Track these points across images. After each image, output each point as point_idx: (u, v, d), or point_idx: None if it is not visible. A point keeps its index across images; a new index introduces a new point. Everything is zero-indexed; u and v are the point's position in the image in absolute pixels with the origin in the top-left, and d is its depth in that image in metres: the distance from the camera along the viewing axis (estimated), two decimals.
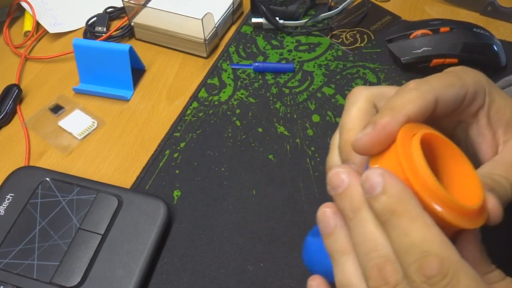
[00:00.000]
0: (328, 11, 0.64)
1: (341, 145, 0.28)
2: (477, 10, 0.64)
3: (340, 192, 0.23)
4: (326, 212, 0.24)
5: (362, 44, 0.61)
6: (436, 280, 0.19)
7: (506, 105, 0.27)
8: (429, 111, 0.25)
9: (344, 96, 0.55)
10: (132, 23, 0.62)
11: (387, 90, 0.29)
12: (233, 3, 0.63)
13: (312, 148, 0.50)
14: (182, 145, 0.51)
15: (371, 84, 0.56)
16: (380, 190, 0.21)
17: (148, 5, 0.62)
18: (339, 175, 0.23)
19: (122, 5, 0.62)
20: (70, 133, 0.52)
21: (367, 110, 0.28)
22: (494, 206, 0.23)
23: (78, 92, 0.57)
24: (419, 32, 0.56)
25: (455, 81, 0.26)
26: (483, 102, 0.27)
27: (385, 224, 0.21)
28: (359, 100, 0.28)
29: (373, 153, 0.24)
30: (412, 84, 0.26)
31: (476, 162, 0.28)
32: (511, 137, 0.27)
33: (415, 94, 0.25)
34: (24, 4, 0.66)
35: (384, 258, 0.21)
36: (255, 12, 0.63)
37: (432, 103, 0.25)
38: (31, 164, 0.50)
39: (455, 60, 0.54)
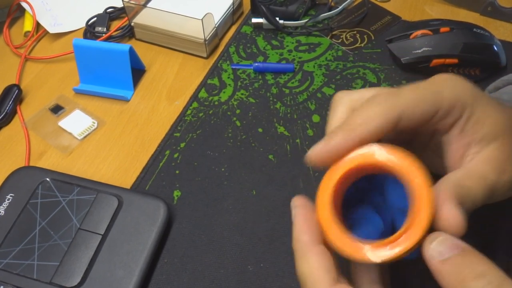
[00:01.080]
0: (328, 11, 0.64)
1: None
2: (477, 10, 0.64)
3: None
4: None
5: (362, 44, 0.61)
6: None
7: (487, 117, 0.27)
8: (389, 128, 0.26)
9: None
10: (132, 23, 0.62)
11: (367, 95, 0.29)
12: (233, 3, 0.63)
13: None
14: (182, 145, 0.51)
15: (371, 84, 0.56)
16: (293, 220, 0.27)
17: (148, 5, 0.62)
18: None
19: (122, 5, 0.62)
20: (70, 133, 0.52)
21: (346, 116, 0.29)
22: (453, 216, 0.23)
23: (78, 92, 0.57)
24: (419, 32, 0.56)
25: (428, 96, 0.27)
26: (459, 115, 0.27)
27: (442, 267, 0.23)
28: (339, 106, 0.30)
29: (326, 165, 0.27)
30: (380, 98, 0.27)
31: (442, 170, 0.29)
32: (481, 149, 0.27)
33: (377, 111, 0.26)
34: (24, 4, 0.66)
35: None
36: (255, 12, 0.63)
37: (392, 121, 0.26)
38: (31, 164, 0.50)
39: (455, 60, 0.54)
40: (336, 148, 0.26)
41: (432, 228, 0.24)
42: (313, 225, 0.26)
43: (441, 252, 0.22)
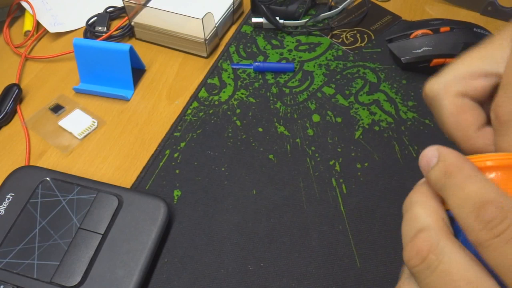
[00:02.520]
0: (329, 11, 0.64)
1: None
2: (477, 10, 0.64)
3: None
4: None
5: (363, 44, 0.61)
6: (495, 224, 0.18)
7: None
8: None
9: (345, 96, 0.55)
10: (132, 23, 0.62)
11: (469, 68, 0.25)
12: (233, 3, 0.63)
13: (312, 148, 0.50)
14: (182, 145, 0.51)
15: (371, 84, 0.56)
16: (436, 161, 0.21)
17: (148, 4, 0.62)
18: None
19: (122, 5, 0.62)
20: (70, 133, 0.52)
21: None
22: None
23: (78, 91, 0.57)
24: (419, 32, 0.56)
25: None
26: None
27: (442, 189, 0.21)
28: (444, 99, 0.26)
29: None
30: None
31: None
32: None
33: None
34: (24, 4, 0.66)
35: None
36: (255, 12, 0.63)
37: None
38: (31, 163, 0.50)
39: None
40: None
41: None
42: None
43: None
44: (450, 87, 0.24)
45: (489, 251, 0.18)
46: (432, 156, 0.21)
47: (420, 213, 0.21)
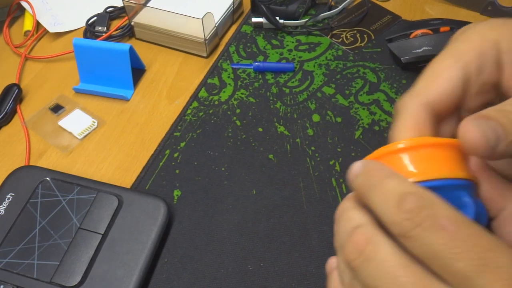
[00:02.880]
0: (328, 11, 0.64)
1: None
2: (478, 10, 0.64)
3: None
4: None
5: (362, 44, 0.61)
6: (416, 213, 0.19)
7: None
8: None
9: (344, 96, 0.55)
10: (132, 23, 0.62)
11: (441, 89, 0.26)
12: (233, 2, 0.63)
13: (312, 148, 0.50)
14: (182, 144, 0.51)
15: (372, 83, 0.56)
16: (359, 171, 0.22)
17: (148, 4, 0.62)
18: None
19: (122, 5, 0.62)
20: (70, 133, 0.52)
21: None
22: (472, 133, 0.21)
23: (78, 91, 0.57)
24: (419, 31, 0.56)
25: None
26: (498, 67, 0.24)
27: (366, 193, 0.21)
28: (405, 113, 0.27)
29: None
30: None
31: None
32: None
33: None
34: (24, 4, 0.66)
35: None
36: (255, 11, 0.63)
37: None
38: (31, 163, 0.50)
39: None
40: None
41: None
42: None
43: None
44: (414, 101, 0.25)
45: (412, 241, 0.19)
46: (357, 168, 0.22)
47: (354, 214, 0.22)
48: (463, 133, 0.21)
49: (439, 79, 0.24)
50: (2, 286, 0.38)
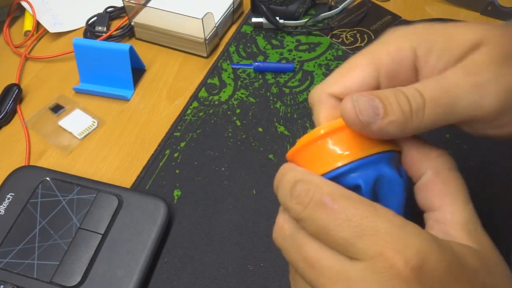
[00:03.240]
0: (328, 11, 0.64)
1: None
2: (478, 10, 0.64)
3: None
4: None
5: (363, 44, 0.61)
6: (303, 196, 0.22)
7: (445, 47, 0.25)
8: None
9: None
10: (132, 23, 0.62)
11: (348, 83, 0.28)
12: (233, 2, 0.63)
13: None
14: (182, 144, 0.51)
15: None
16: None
17: (148, 4, 0.62)
18: None
19: (122, 5, 0.62)
20: (70, 133, 0.52)
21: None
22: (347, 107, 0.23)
23: (78, 91, 0.57)
24: None
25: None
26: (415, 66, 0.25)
27: (277, 191, 0.25)
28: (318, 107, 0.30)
29: None
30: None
31: None
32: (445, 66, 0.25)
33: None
34: (24, 4, 0.66)
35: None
36: (255, 11, 0.63)
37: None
38: (31, 163, 0.50)
39: None
40: None
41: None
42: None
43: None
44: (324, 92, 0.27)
45: (305, 222, 0.22)
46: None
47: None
48: (341, 105, 0.23)
49: (350, 74, 0.26)
50: (2, 286, 0.38)
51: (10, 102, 0.54)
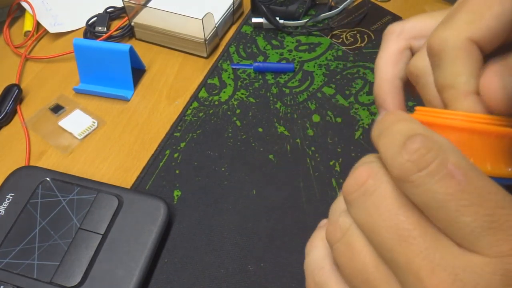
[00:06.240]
0: (329, 11, 0.64)
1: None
2: None
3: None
4: None
5: (363, 44, 0.61)
6: (421, 154, 0.16)
7: None
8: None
9: (344, 96, 0.55)
10: (132, 23, 0.62)
11: (424, 28, 0.24)
12: (233, 3, 0.63)
13: (312, 148, 0.50)
14: (182, 145, 0.51)
15: (371, 84, 0.56)
16: (378, 120, 0.20)
17: (148, 5, 0.62)
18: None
19: (122, 5, 0.62)
20: (70, 133, 0.52)
21: (400, 53, 0.26)
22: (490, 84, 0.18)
23: (78, 92, 0.57)
24: None
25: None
26: None
27: (375, 142, 0.19)
28: (391, 41, 0.26)
29: None
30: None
31: None
32: None
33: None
34: (24, 4, 0.66)
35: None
36: (255, 12, 0.63)
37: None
38: (31, 164, 0.50)
39: None
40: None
41: None
42: None
43: None
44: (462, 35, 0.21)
45: (413, 187, 0.17)
46: (377, 119, 0.20)
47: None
48: (483, 83, 0.19)
49: (488, 13, 0.20)
50: (2, 287, 0.38)
51: (10, 102, 0.54)
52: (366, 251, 0.18)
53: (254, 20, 0.63)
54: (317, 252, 0.24)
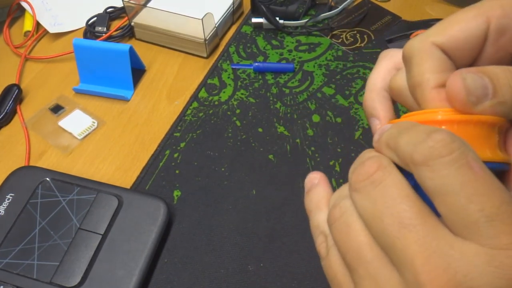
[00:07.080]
0: (328, 11, 0.64)
1: (364, 102, 0.27)
2: None
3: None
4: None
5: (362, 44, 0.61)
6: (444, 144, 0.18)
7: None
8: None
9: (344, 96, 0.55)
10: (132, 23, 0.62)
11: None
12: (233, 3, 0.63)
13: (312, 148, 0.50)
14: (182, 145, 0.51)
15: None
16: (390, 126, 0.22)
17: (148, 5, 0.62)
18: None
19: (122, 5, 0.62)
20: (70, 133, 0.52)
21: (388, 71, 0.27)
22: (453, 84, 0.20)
23: (78, 92, 0.57)
24: (419, 32, 0.56)
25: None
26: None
27: (392, 139, 0.21)
28: (383, 61, 0.28)
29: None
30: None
31: None
32: None
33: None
34: (24, 4, 0.66)
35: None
36: (255, 12, 0.63)
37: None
38: (31, 164, 0.50)
39: None
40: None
41: None
42: None
43: None
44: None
45: (429, 171, 0.18)
46: (387, 125, 0.22)
47: (372, 151, 0.22)
48: (448, 82, 0.21)
49: (456, 25, 0.22)
50: (2, 287, 0.38)
51: (10, 103, 0.54)
52: (362, 231, 0.20)
53: (254, 20, 0.63)
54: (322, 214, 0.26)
